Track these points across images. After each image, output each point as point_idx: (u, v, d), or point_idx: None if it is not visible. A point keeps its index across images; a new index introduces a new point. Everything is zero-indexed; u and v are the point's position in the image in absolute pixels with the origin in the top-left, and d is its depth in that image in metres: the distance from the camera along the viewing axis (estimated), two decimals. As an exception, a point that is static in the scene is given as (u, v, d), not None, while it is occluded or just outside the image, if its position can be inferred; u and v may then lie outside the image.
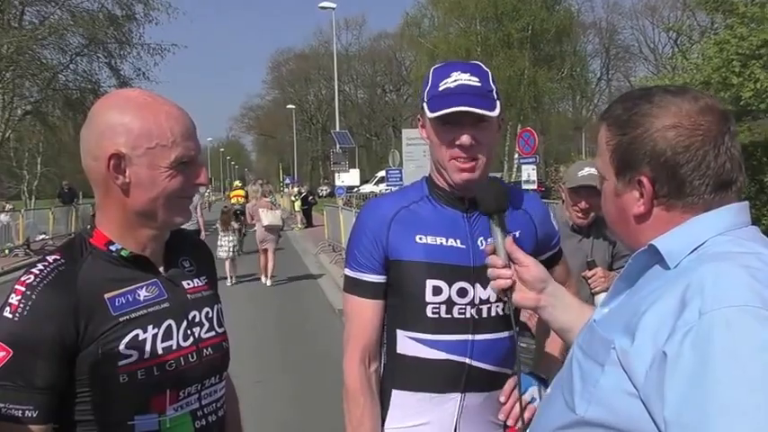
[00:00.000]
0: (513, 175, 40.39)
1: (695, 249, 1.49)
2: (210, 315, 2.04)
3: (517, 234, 2.36)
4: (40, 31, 29.00)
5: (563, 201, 4.53)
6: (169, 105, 1.88)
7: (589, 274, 4.10)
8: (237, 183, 33.70)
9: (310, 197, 37.41)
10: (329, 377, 7.71)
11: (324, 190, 60.54)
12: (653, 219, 1.56)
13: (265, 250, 16.50)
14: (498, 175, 40.30)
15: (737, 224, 1.52)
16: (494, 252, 2.16)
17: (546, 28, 49.19)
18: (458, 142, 2.29)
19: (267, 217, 16.46)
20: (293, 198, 39.65)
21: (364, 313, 2.44)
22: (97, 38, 30.29)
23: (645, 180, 1.53)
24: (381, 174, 43.78)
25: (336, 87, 46.80)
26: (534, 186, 22.88)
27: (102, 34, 30.27)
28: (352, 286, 2.47)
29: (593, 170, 4.15)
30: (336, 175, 31.48)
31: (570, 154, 45.84)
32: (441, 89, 2.30)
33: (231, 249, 16.36)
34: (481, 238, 2.38)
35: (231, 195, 19.19)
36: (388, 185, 28.52)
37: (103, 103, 1.89)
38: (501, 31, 48.86)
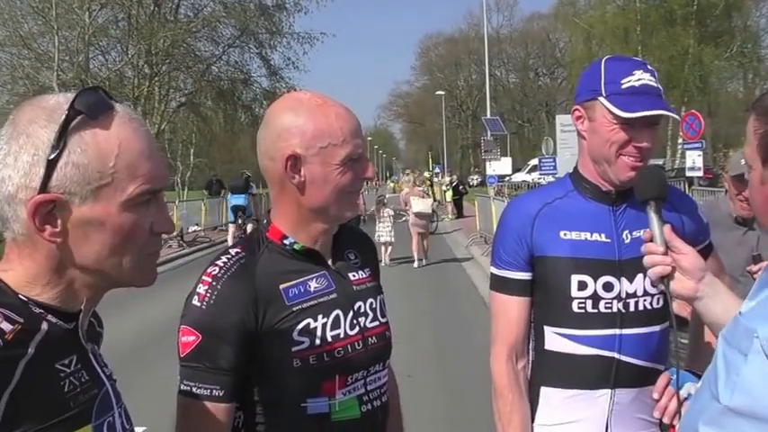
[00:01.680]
0: (677, 161, 39.03)
1: None
2: (374, 305, 2.22)
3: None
4: (195, 23, 30.49)
5: (726, 191, 4.46)
6: (338, 107, 2.06)
7: (755, 268, 3.97)
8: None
9: (461, 186, 37.46)
10: (480, 371, 7.83)
11: (475, 179, 60.37)
12: None
13: (417, 235, 18.65)
14: (660, 161, 39.25)
15: None
16: (651, 240, 2.15)
17: (713, 2, 47.28)
18: (638, 144, 2.36)
19: (417, 205, 18.77)
20: (444, 188, 39.81)
21: (510, 310, 2.55)
22: (249, 28, 31.61)
23: None
24: (534, 162, 43.35)
25: (487, 72, 46.70)
26: (700, 173, 22.05)
27: (253, 25, 31.58)
28: (498, 284, 2.58)
29: None
30: (487, 163, 31.43)
31: (741, 138, 43.87)
32: (624, 87, 2.35)
33: (388, 234, 18.52)
34: (626, 231, 2.45)
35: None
36: (541, 174, 28.23)
37: (278, 107, 2.09)
38: (663, 8, 47.36)
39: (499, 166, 30.75)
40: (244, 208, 23.30)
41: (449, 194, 36.04)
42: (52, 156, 1.32)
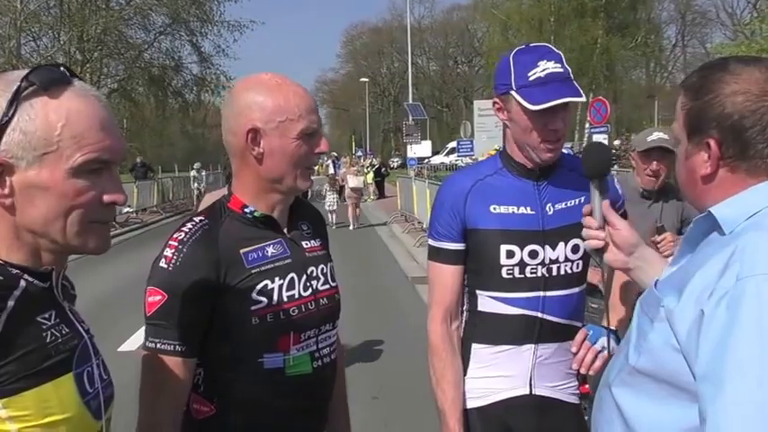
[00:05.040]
0: (585, 145, 39.87)
1: (750, 217, 1.57)
2: (325, 271, 2.32)
3: (582, 200, 2.56)
4: (127, 11, 29.81)
5: (633, 168, 4.63)
6: (295, 86, 2.16)
7: (658, 239, 4.17)
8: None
9: (383, 169, 37.53)
10: (406, 342, 8.01)
11: (395, 161, 60.44)
12: (718, 180, 1.64)
13: (351, 205, 23.03)
14: (569, 144, 39.93)
15: None
16: (590, 214, 2.21)
17: (621, -5, 48.25)
18: (552, 127, 2.49)
19: (352, 181, 23.41)
20: (366, 170, 39.85)
21: (446, 278, 2.68)
22: (180, 17, 31.03)
23: (712, 142, 1.62)
24: (452, 145, 43.54)
25: (410, 60, 46.87)
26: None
27: (184, 13, 31.02)
28: (435, 254, 2.71)
29: (662, 134, 4.32)
30: (408, 146, 31.66)
31: (642, 122, 44.88)
32: (532, 79, 2.46)
33: (334, 202, 23.24)
34: (549, 204, 2.60)
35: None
36: (459, 156, 28.53)
37: (240, 87, 2.18)
38: (575, 0, 48.09)
39: (419, 149, 31.05)
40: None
41: (370, 176, 36.08)
42: (2, 121, 1.38)
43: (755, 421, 1.32)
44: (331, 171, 30.29)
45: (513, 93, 2.50)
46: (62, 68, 1.47)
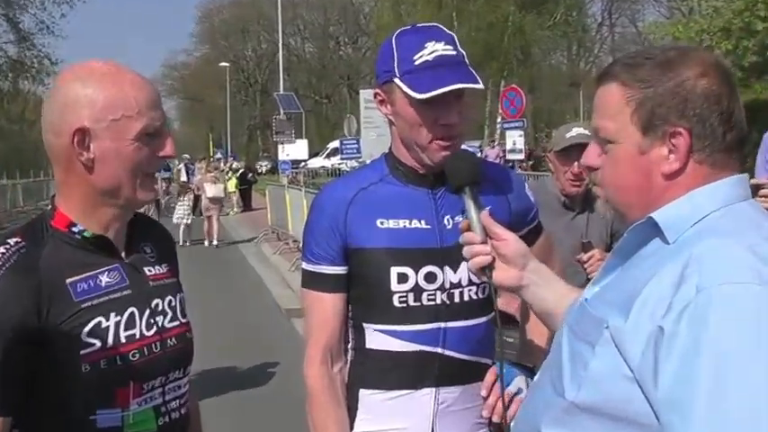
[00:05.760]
0: (497, 143, 40.49)
1: (696, 223, 1.67)
2: (173, 304, 2.30)
3: (489, 208, 2.53)
4: None
5: (552, 172, 4.67)
6: (133, 74, 2.14)
7: (585, 257, 4.20)
8: None
9: (249, 174, 37.25)
10: (279, 389, 7.95)
11: (264, 165, 60.11)
12: (685, 177, 1.72)
13: (209, 218, 23.27)
14: (477, 143, 40.52)
15: (739, 197, 1.72)
16: (469, 229, 2.28)
17: (534, -36, 49.42)
18: (443, 122, 2.50)
19: (211, 189, 23.58)
20: (227, 176, 39.48)
21: (324, 308, 2.67)
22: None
23: (683, 132, 1.69)
24: (334, 144, 43.67)
25: (281, 40, 46.89)
26: (521, 156, 23.10)
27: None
28: (311, 280, 2.69)
29: (583, 129, 4.34)
30: (280, 146, 31.58)
31: (565, 116, 46.03)
32: (417, 63, 2.48)
33: (187, 215, 23.01)
34: (448, 216, 2.62)
35: None
36: (342, 159, 28.51)
37: (65, 76, 2.14)
38: (480, -31, 48.92)
39: (294, 149, 31.04)
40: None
41: (233, 183, 35.72)
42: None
43: None
44: (183, 178, 29.94)
45: (396, 80, 2.51)
46: None
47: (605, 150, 1.82)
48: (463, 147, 2.67)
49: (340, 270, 2.64)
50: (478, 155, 6.87)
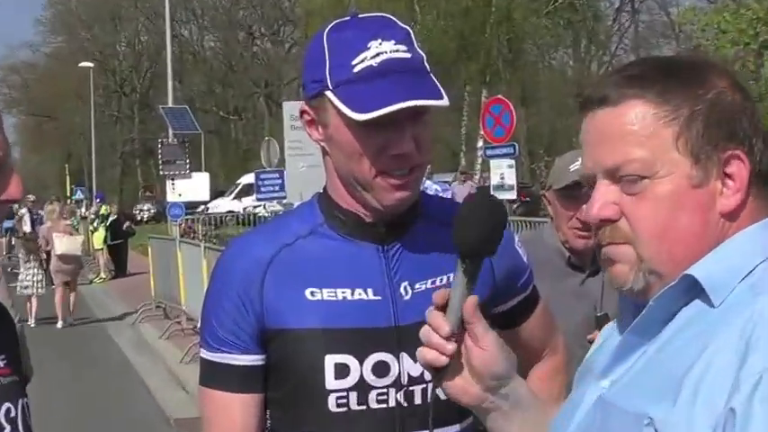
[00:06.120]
0: (478, 176, 40.45)
1: (745, 278, 1.75)
2: (14, 414, 2.29)
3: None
4: None
5: (552, 218, 4.74)
6: None
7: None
8: None
9: (124, 224, 36.89)
10: None
11: (146, 210, 59.83)
12: (745, 214, 1.80)
13: (63, 286, 22.98)
14: (450, 177, 40.39)
15: None
16: (443, 306, 2.14)
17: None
18: (395, 151, 2.50)
19: (63, 244, 23.06)
20: (92, 226, 39.09)
21: (231, 415, 2.66)
22: None
23: (741, 156, 1.78)
24: (248, 179, 43.70)
25: (168, 30, 46.51)
26: (512, 195, 23.02)
27: None
28: (213, 375, 2.69)
29: None
30: (168, 182, 31.41)
31: (570, 138, 46.17)
32: (357, 70, 2.48)
33: (36, 282, 22.82)
34: (405, 283, 2.63)
35: None
36: (259, 199, 28.42)
37: None
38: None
39: (189, 187, 30.84)
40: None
41: (99, 236, 35.27)
42: None
43: None
44: (27, 227, 29.77)
45: (328, 94, 2.52)
46: None
47: (632, 191, 1.83)
48: (431, 184, 2.68)
49: (254, 360, 2.64)
50: (447, 195, 6.54)
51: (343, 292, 2.60)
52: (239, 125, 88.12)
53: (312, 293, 2.59)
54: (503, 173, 21.22)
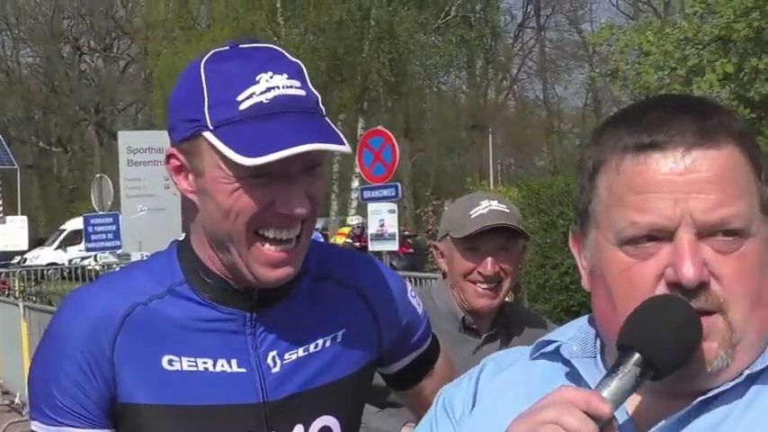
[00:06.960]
0: (353, 223, 40.19)
1: None
2: None
3: (339, 336, 2.71)
4: None
5: (444, 274, 4.79)
6: None
7: None
8: None
9: None
10: None
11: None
12: None
13: None
14: (319, 225, 40.16)
15: None
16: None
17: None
18: (284, 210, 2.53)
19: None
20: None
21: None
22: None
23: None
24: (74, 225, 43.25)
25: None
26: (394, 246, 22.91)
27: None
28: None
29: (498, 204, 4.47)
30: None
31: (466, 178, 46.22)
32: (244, 107, 2.50)
33: None
34: (274, 353, 2.70)
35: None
36: (89, 249, 28.16)
37: None
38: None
39: (2, 233, 30.60)
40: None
41: None
42: None
43: None
44: None
45: (207, 135, 2.53)
46: None
47: (727, 250, 1.84)
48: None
49: None
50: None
51: (204, 363, 2.66)
52: (64, 159, 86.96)
53: (170, 362, 2.65)
54: (382, 219, 20.97)
